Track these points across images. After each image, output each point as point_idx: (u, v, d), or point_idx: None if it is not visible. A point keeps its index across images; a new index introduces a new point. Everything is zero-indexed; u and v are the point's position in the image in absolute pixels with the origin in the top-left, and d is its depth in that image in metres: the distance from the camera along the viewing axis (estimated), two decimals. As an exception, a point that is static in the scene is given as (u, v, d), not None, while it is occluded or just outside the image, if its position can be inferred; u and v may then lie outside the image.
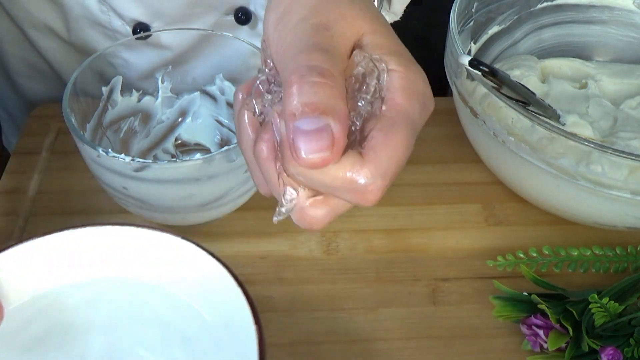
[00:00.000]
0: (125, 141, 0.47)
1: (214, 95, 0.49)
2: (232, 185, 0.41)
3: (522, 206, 0.49)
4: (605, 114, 0.49)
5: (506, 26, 0.56)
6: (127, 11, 0.52)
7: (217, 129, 0.49)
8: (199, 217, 0.43)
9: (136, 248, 0.35)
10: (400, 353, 0.40)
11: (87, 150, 0.38)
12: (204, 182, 0.39)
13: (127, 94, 0.47)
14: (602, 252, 0.44)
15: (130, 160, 0.37)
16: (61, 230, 0.34)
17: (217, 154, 0.38)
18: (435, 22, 0.74)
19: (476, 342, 0.41)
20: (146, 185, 0.39)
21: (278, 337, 0.41)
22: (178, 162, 0.38)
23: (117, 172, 0.38)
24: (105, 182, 0.41)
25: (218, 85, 0.48)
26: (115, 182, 0.39)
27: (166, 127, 0.49)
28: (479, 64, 0.41)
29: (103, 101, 0.45)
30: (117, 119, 0.47)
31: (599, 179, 0.42)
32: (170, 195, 0.40)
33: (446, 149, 0.53)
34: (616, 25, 0.57)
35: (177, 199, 0.40)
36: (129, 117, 0.47)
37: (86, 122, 0.44)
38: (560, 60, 0.55)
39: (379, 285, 0.44)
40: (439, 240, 0.47)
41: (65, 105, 0.40)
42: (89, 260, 0.35)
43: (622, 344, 0.37)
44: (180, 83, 0.49)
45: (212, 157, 0.38)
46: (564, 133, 0.41)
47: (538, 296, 0.39)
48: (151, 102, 0.48)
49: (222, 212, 0.44)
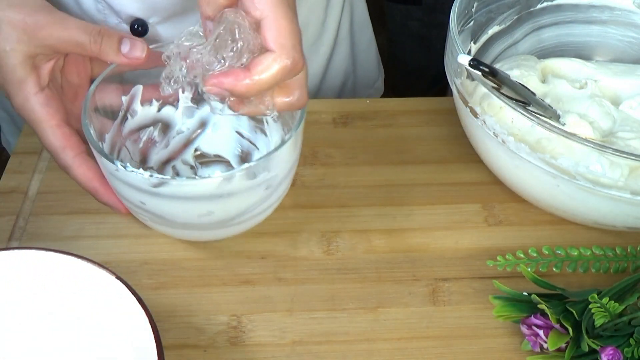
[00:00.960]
0: (144, 151, 0.47)
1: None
2: (253, 203, 0.40)
3: (522, 206, 0.49)
4: (605, 114, 0.49)
5: (506, 26, 0.56)
6: (123, 7, 0.51)
7: (237, 140, 0.48)
8: (217, 234, 0.42)
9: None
10: (400, 353, 0.40)
11: (106, 163, 0.37)
12: (223, 199, 0.38)
13: (147, 103, 0.46)
14: (602, 252, 0.44)
15: (149, 176, 0.36)
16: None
17: (237, 172, 0.37)
18: (435, 22, 0.75)
19: (476, 342, 0.41)
20: (164, 201, 0.38)
21: (278, 337, 0.41)
22: (197, 179, 0.37)
23: (135, 186, 0.37)
24: (123, 195, 0.40)
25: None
26: (133, 197, 0.39)
27: (185, 138, 0.48)
28: (479, 64, 0.41)
29: (122, 111, 0.44)
30: (136, 128, 0.46)
31: (598, 179, 0.42)
32: (189, 212, 0.39)
33: (446, 148, 0.53)
34: (616, 25, 0.57)
35: (195, 216, 0.39)
36: (148, 126, 0.46)
37: (105, 132, 0.43)
38: (560, 60, 0.55)
39: (378, 285, 0.44)
40: (438, 240, 0.47)
41: (84, 117, 0.39)
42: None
43: (622, 344, 0.37)
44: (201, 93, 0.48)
45: (232, 174, 0.36)
46: (563, 133, 0.41)
47: (538, 296, 0.39)
48: (171, 111, 0.47)
49: (242, 228, 0.42)
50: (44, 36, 0.39)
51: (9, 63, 0.40)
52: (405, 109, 0.57)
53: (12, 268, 0.37)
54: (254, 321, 0.42)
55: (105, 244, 0.46)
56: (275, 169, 0.39)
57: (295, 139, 0.39)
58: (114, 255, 0.45)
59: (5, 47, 0.39)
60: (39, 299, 0.37)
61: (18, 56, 0.39)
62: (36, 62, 0.40)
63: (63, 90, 0.43)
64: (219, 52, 0.35)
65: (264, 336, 0.41)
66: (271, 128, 0.47)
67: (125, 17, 0.52)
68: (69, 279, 0.37)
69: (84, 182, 0.42)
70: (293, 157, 0.41)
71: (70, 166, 0.41)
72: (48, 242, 0.45)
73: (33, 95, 0.40)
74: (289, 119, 0.43)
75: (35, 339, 0.37)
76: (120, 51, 0.40)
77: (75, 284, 0.37)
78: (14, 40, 0.39)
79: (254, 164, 0.37)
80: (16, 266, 0.37)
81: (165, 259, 0.44)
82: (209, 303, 0.42)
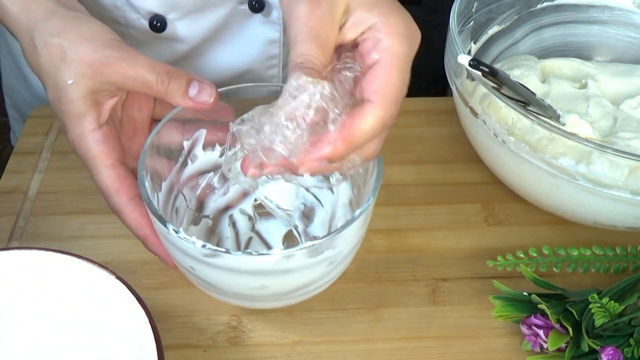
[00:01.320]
0: (201, 197, 0.44)
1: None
2: (312, 279, 0.37)
3: (522, 206, 0.49)
4: (605, 114, 0.49)
5: (506, 26, 0.56)
6: (143, 3, 0.51)
7: (301, 194, 0.45)
8: (270, 305, 0.40)
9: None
10: (400, 353, 0.40)
11: (158, 224, 0.35)
12: (280, 275, 0.35)
13: (210, 147, 0.43)
14: (602, 252, 0.44)
15: (202, 246, 0.33)
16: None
17: (297, 250, 0.33)
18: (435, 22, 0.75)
19: (476, 342, 0.41)
20: (215, 271, 0.35)
21: (278, 337, 0.41)
22: (253, 254, 0.34)
23: (186, 252, 0.35)
24: (173, 255, 0.38)
25: None
26: (182, 260, 0.36)
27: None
28: (479, 64, 0.41)
29: (183, 156, 0.42)
30: (196, 174, 0.43)
31: (598, 178, 0.42)
32: (241, 284, 0.36)
33: (446, 148, 0.53)
34: (616, 25, 0.57)
35: (247, 289, 0.37)
36: (208, 172, 0.44)
37: (162, 177, 0.40)
38: (560, 60, 0.55)
39: (379, 285, 0.44)
40: (439, 241, 0.47)
41: (141, 167, 0.36)
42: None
43: (622, 344, 0.37)
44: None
45: (292, 253, 0.34)
46: (564, 133, 0.41)
47: (538, 296, 0.39)
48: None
49: (297, 301, 0.40)
50: (110, 72, 0.37)
51: (69, 96, 0.37)
52: (405, 108, 0.56)
53: (12, 268, 0.37)
54: (254, 321, 0.42)
55: (105, 244, 0.45)
56: (341, 246, 0.36)
57: (367, 214, 0.36)
58: (114, 255, 0.45)
59: (68, 79, 0.37)
60: (38, 299, 0.37)
61: (80, 90, 0.37)
62: (98, 97, 0.38)
63: (122, 125, 0.41)
64: (302, 130, 0.31)
65: (264, 336, 0.41)
66: (339, 186, 0.44)
67: (144, 12, 0.52)
68: (69, 278, 0.37)
69: (135, 228, 0.39)
70: (361, 232, 0.37)
71: (123, 210, 0.39)
72: (48, 242, 0.45)
73: (90, 132, 0.38)
74: (358, 178, 0.41)
75: (35, 339, 0.37)
76: (188, 94, 0.37)
77: (75, 284, 0.37)
78: (78, 73, 0.37)
79: (318, 243, 0.34)
80: (16, 266, 0.37)
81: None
82: (209, 303, 0.42)
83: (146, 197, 0.36)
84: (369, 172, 0.39)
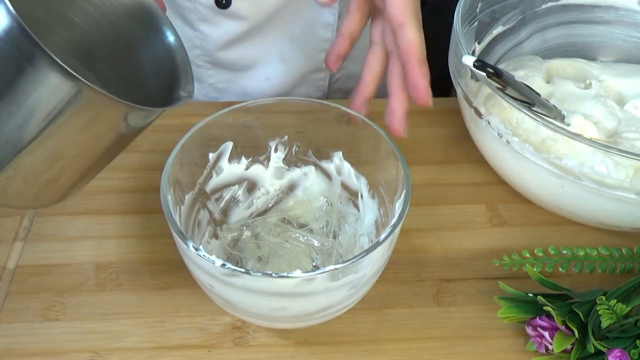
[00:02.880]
0: (225, 210, 0.44)
1: (329, 173, 0.44)
2: (332, 303, 0.36)
3: (527, 207, 0.49)
4: (610, 114, 0.49)
5: (510, 26, 0.56)
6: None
7: (326, 210, 0.44)
8: (290, 325, 0.39)
9: None
10: (404, 354, 0.40)
11: (177, 240, 0.35)
12: (300, 298, 0.35)
13: (235, 160, 0.43)
14: (609, 253, 0.44)
15: (221, 265, 0.33)
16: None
17: (319, 274, 0.33)
18: (439, 22, 0.74)
19: (481, 343, 0.41)
20: (235, 290, 0.35)
21: (283, 338, 0.41)
22: (273, 276, 0.33)
23: (206, 270, 0.35)
24: (193, 271, 0.37)
25: (336, 163, 0.44)
26: (202, 278, 0.36)
27: (271, 199, 0.45)
28: (484, 65, 0.41)
29: (208, 168, 0.41)
30: (220, 187, 0.43)
31: (603, 179, 0.42)
32: (261, 304, 0.36)
33: (450, 149, 0.53)
34: (621, 25, 0.57)
35: (267, 309, 0.36)
36: (233, 185, 0.43)
37: (185, 192, 0.40)
38: (565, 60, 0.55)
39: (383, 285, 0.44)
40: (443, 241, 0.47)
41: (164, 181, 0.36)
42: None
43: (629, 346, 0.37)
44: (295, 154, 0.44)
45: (313, 276, 0.33)
46: (568, 133, 0.41)
47: (543, 297, 0.39)
48: (260, 171, 0.44)
49: (316, 322, 0.39)
50: None
51: None
52: (409, 109, 0.56)
53: None
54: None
55: (109, 244, 0.46)
56: (364, 270, 0.35)
57: (393, 237, 0.35)
58: (118, 255, 0.45)
59: None
60: None
61: None
62: None
63: None
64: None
65: (268, 337, 0.41)
66: (365, 204, 0.43)
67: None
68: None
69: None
70: (386, 257, 0.37)
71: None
72: (53, 242, 0.46)
73: None
74: (385, 196, 0.41)
75: None
76: None
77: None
78: None
79: (341, 267, 0.33)
80: None
81: (169, 259, 0.44)
82: (213, 303, 0.42)
83: (168, 212, 0.35)
84: (397, 192, 0.39)
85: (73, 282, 0.43)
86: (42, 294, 0.43)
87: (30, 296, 0.42)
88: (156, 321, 0.41)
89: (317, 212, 0.44)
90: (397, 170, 0.39)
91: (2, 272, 0.44)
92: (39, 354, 0.40)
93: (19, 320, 0.41)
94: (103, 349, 0.40)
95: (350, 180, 0.44)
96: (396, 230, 0.35)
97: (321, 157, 0.44)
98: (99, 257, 0.45)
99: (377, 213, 0.42)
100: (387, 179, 0.41)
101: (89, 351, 0.40)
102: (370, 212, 0.43)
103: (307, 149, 0.44)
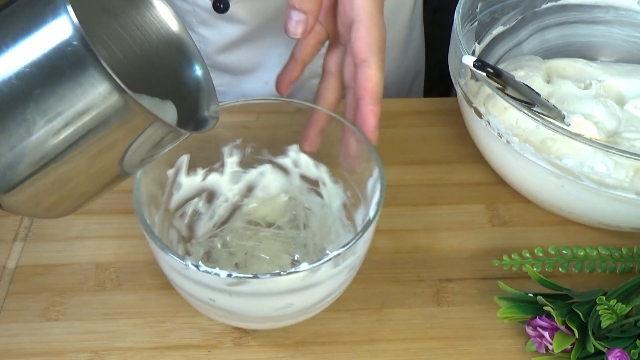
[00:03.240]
0: (190, 225, 0.43)
1: (286, 167, 0.44)
2: (334, 289, 0.37)
3: (526, 207, 0.49)
4: (609, 114, 0.49)
5: (510, 26, 0.56)
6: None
7: (290, 205, 0.44)
8: (292, 321, 0.39)
9: None
10: (404, 354, 0.40)
11: (172, 261, 0.33)
12: (305, 290, 0.35)
13: (192, 173, 0.42)
14: (609, 253, 0.44)
15: (227, 276, 0.32)
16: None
17: (324, 262, 0.33)
18: (439, 22, 0.74)
19: (480, 343, 0.41)
20: (239, 298, 0.34)
21: (282, 338, 0.41)
22: (281, 275, 0.33)
23: (207, 285, 0.34)
24: (189, 292, 0.36)
25: (292, 157, 0.44)
26: (201, 294, 0.35)
27: (232, 205, 0.44)
28: (484, 65, 0.41)
29: (169, 186, 0.40)
30: (182, 202, 0.42)
31: (603, 179, 0.42)
32: (266, 306, 0.36)
33: (450, 149, 0.53)
34: (621, 25, 0.57)
35: (272, 310, 0.36)
36: (193, 198, 0.43)
37: (154, 215, 0.38)
38: (565, 60, 0.55)
39: (383, 285, 0.44)
40: (443, 241, 0.47)
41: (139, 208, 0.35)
42: None
43: (629, 346, 0.37)
44: (249, 156, 0.44)
45: (319, 265, 0.33)
46: (568, 133, 0.41)
47: (543, 297, 0.39)
48: (216, 179, 0.44)
49: (315, 313, 0.39)
50: None
51: None
52: (409, 109, 0.56)
53: None
54: (258, 322, 0.42)
55: (110, 244, 0.46)
56: (361, 250, 0.36)
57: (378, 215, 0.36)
58: (118, 255, 0.45)
59: None
60: None
61: None
62: None
63: None
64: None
65: (268, 337, 0.41)
66: (329, 190, 0.43)
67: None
68: None
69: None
70: (372, 234, 0.37)
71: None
72: (53, 241, 0.46)
73: None
74: (350, 178, 0.41)
75: None
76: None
77: None
78: None
79: (342, 251, 0.34)
80: None
81: (169, 259, 0.44)
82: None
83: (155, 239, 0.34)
84: (367, 170, 0.39)
85: (73, 282, 0.43)
86: (42, 294, 0.43)
87: (30, 296, 0.42)
88: (156, 321, 0.41)
89: (281, 209, 0.44)
90: (360, 147, 0.40)
91: (2, 272, 0.44)
92: (38, 354, 0.40)
93: (19, 320, 0.41)
94: (103, 349, 0.40)
95: (309, 170, 0.44)
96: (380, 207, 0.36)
97: (276, 154, 0.44)
98: (99, 257, 0.45)
99: (344, 196, 0.43)
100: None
101: (89, 351, 0.40)
102: (336, 198, 0.43)
103: (261, 148, 0.44)
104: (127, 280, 0.43)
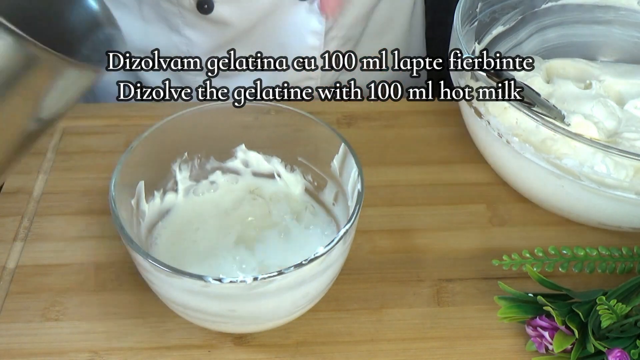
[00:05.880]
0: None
1: (236, 170, 0.45)
2: (336, 273, 0.38)
3: (527, 207, 0.49)
4: (610, 114, 0.49)
5: (510, 26, 0.56)
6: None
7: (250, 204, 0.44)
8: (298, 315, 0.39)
9: None
10: (404, 354, 0.40)
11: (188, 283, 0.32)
12: (320, 275, 0.36)
13: (150, 198, 0.41)
14: (609, 253, 0.44)
15: (253, 280, 0.32)
16: None
17: (335, 242, 0.34)
18: (439, 22, 0.74)
19: (480, 343, 0.41)
20: (261, 299, 0.34)
21: (282, 338, 0.41)
22: (304, 263, 0.33)
23: (229, 296, 0.33)
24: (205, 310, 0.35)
25: (241, 158, 0.44)
26: (220, 307, 0.34)
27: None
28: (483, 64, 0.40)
29: (134, 217, 0.40)
30: (148, 231, 0.42)
31: (603, 179, 0.42)
32: (289, 300, 0.36)
33: (450, 149, 0.53)
34: (621, 25, 0.57)
35: (292, 303, 0.36)
36: (157, 223, 0.42)
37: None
38: (565, 60, 0.55)
39: (382, 285, 0.44)
40: (443, 241, 0.47)
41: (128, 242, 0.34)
42: None
43: (629, 346, 0.37)
44: (198, 167, 0.44)
45: (332, 245, 0.34)
46: (568, 133, 0.41)
47: (543, 297, 0.39)
48: (172, 198, 0.43)
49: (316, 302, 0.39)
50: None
51: None
52: (409, 109, 0.56)
53: None
54: (258, 322, 0.42)
55: (109, 244, 0.46)
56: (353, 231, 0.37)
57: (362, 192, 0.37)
58: (118, 255, 0.45)
59: None
60: None
61: None
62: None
63: None
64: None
65: (268, 337, 0.41)
66: (287, 180, 0.44)
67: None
68: None
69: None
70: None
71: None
72: (53, 241, 0.46)
73: None
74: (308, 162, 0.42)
75: None
76: None
77: None
78: None
79: (349, 226, 0.35)
80: None
81: (169, 259, 0.44)
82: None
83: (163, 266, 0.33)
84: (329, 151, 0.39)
85: (73, 282, 0.43)
86: (42, 294, 0.43)
87: (30, 296, 0.42)
88: (156, 321, 0.41)
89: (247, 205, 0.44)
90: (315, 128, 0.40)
91: (2, 272, 0.44)
92: (38, 354, 0.40)
93: (19, 320, 0.41)
94: (103, 349, 0.40)
95: (261, 166, 0.44)
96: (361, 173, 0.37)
97: (224, 159, 0.44)
98: (99, 257, 0.45)
99: (304, 182, 0.44)
100: (308, 145, 0.42)
101: (89, 351, 0.40)
102: (296, 185, 0.44)
103: (209, 156, 0.44)
104: (127, 281, 0.43)
